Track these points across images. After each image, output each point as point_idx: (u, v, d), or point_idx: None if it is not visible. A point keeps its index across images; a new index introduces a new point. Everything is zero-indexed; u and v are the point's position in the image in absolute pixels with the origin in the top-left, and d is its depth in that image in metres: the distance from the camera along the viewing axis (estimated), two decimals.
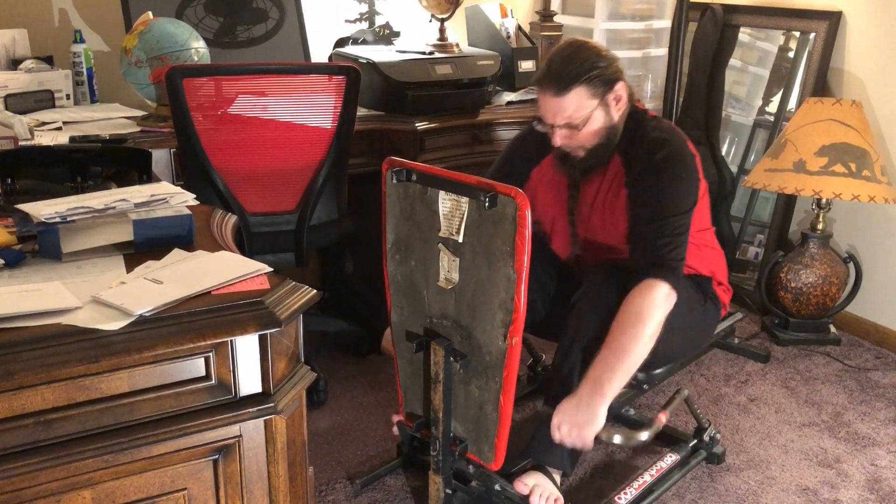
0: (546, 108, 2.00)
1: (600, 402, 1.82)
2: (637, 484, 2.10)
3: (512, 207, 1.66)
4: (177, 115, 2.20)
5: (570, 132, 1.99)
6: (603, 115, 1.99)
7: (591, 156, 2.04)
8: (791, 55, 3.33)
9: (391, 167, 1.89)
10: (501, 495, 1.97)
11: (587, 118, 1.97)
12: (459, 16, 3.07)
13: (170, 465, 1.17)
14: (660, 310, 1.88)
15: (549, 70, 1.98)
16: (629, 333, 1.86)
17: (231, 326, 1.14)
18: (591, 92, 1.96)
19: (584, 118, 1.97)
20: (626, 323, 1.87)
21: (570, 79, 1.94)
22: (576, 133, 1.99)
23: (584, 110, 1.96)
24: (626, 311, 1.88)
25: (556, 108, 1.97)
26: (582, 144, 2.01)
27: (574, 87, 1.94)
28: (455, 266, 1.82)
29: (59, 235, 1.32)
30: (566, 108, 1.96)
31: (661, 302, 1.88)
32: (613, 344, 1.86)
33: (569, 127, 1.98)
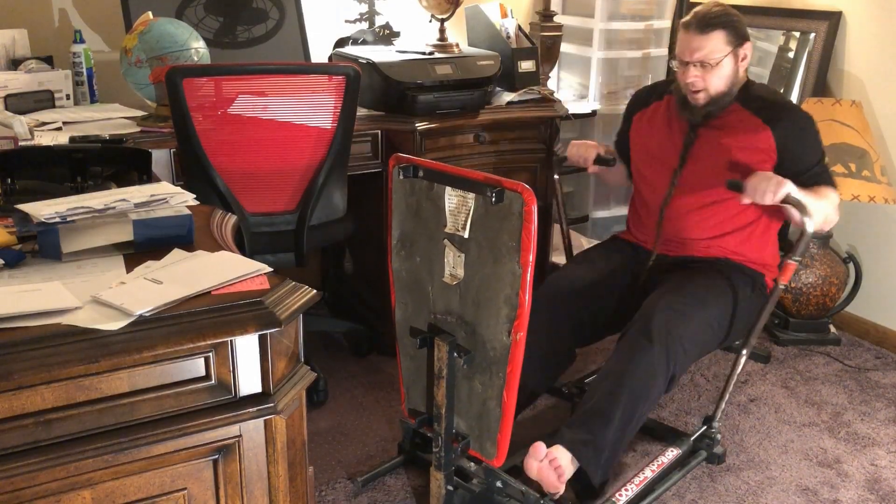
0: (686, 45, 2.23)
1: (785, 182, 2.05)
2: (637, 481, 2.10)
3: (518, 203, 1.67)
4: (177, 115, 2.20)
5: (703, 71, 2.21)
6: (732, 63, 2.23)
7: (711, 102, 2.25)
8: (791, 55, 3.33)
9: (398, 163, 1.89)
10: (503, 492, 1.97)
11: (720, 60, 2.21)
12: (459, 16, 3.07)
13: (170, 465, 1.17)
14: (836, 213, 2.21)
15: (697, 14, 2.24)
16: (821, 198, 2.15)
17: (231, 326, 1.14)
18: (728, 39, 2.21)
19: (718, 60, 2.20)
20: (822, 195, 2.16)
21: (715, 22, 2.20)
22: (707, 72, 2.21)
23: (719, 52, 2.20)
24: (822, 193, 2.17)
25: (696, 44, 2.20)
26: (707, 86, 2.23)
27: (716, 29, 2.20)
28: (460, 262, 1.82)
29: (59, 235, 1.31)
30: (705, 46, 2.20)
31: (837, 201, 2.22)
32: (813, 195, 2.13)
33: (702, 65, 2.21)
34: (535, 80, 3.03)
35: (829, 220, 2.21)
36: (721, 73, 2.22)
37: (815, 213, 2.09)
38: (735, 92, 2.27)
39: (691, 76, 2.22)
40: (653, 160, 2.40)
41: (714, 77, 2.22)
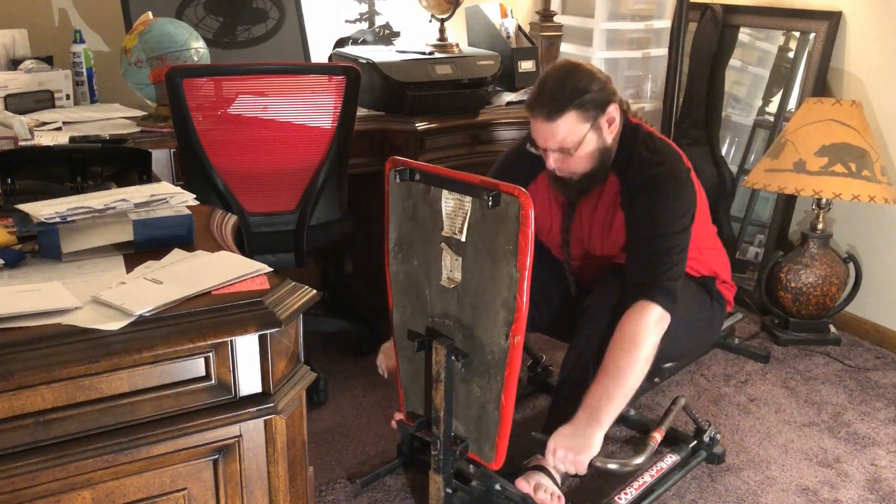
0: (538, 132, 1.99)
1: (596, 429, 1.84)
2: (637, 484, 2.10)
3: (515, 206, 1.67)
4: (177, 115, 2.20)
5: (563, 156, 1.99)
6: (595, 138, 1.98)
7: (585, 179, 2.04)
8: (791, 55, 3.33)
9: (394, 166, 1.89)
10: (502, 495, 1.97)
11: (579, 142, 1.96)
12: (459, 16, 3.07)
13: (170, 465, 1.17)
14: (653, 334, 1.90)
15: (541, 94, 1.97)
16: (624, 359, 1.87)
17: (231, 326, 1.14)
18: (583, 116, 1.95)
19: (576, 142, 1.96)
20: (621, 349, 1.89)
21: (562, 104, 1.93)
22: (568, 157, 1.99)
23: (576, 135, 1.95)
24: (620, 335, 1.90)
25: (547, 132, 1.96)
26: (574, 169, 2.01)
27: (565, 112, 1.93)
28: (457, 265, 1.82)
29: (59, 235, 1.31)
30: (558, 132, 1.95)
31: (653, 325, 1.89)
32: (609, 370, 1.88)
33: (561, 151, 1.98)
34: (534, 80, 3.02)
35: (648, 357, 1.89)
36: (584, 152, 1.98)
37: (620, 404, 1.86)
38: (610, 161, 2.03)
39: (552, 163, 2.01)
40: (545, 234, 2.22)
41: (577, 160, 1.99)
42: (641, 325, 1.89)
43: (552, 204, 2.17)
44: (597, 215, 2.10)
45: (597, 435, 1.83)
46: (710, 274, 2.21)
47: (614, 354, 1.89)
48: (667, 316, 1.91)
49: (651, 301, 1.90)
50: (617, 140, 2.04)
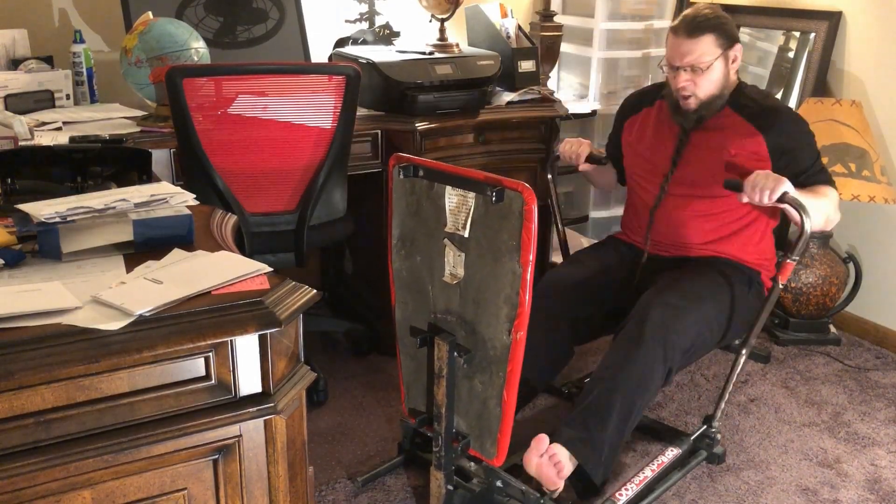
0: (676, 50, 2.22)
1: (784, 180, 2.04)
2: (637, 480, 2.10)
3: (519, 202, 1.67)
4: (177, 115, 2.20)
5: (693, 75, 2.21)
6: (722, 66, 2.22)
7: (702, 106, 2.25)
8: (791, 55, 3.33)
9: (398, 163, 1.89)
10: (503, 492, 1.97)
11: (710, 63, 2.20)
12: (459, 16, 3.07)
13: (170, 465, 1.17)
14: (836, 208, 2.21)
15: (685, 18, 2.23)
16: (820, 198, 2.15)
17: (231, 326, 1.14)
18: (718, 42, 2.20)
19: (708, 63, 2.19)
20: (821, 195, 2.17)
21: (704, 26, 2.19)
22: (697, 76, 2.20)
23: (709, 56, 2.19)
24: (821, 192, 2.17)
25: (686, 48, 2.20)
26: (699, 88, 2.22)
27: (706, 33, 2.19)
28: (460, 261, 1.82)
29: (59, 235, 1.32)
30: (695, 50, 2.19)
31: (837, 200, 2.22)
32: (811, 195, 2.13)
33: (692, 69, 2.20)
34: (535, 80, 3.03)
35: (831, 219, 2.21)
36: (711, 76, 2.21)
37: (813, 212, 2.07)
38: (727, 95, 2.27)
39: (682, 81, 2.22)
40: (645, 165, 2.40)
41: (704, 81, 2.21)
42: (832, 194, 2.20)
43: (662, 134, 2.37)
44: (710, 145, 2.27)
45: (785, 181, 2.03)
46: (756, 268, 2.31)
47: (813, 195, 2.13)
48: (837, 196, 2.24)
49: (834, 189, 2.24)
50: (735, 79, 2.30)
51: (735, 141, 2.23)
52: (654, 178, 2.36)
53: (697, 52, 2.19)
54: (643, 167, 2.41)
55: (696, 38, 2.18)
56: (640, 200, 2.43)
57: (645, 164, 2.40)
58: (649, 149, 2.39)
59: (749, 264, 2.30)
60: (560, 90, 3.68)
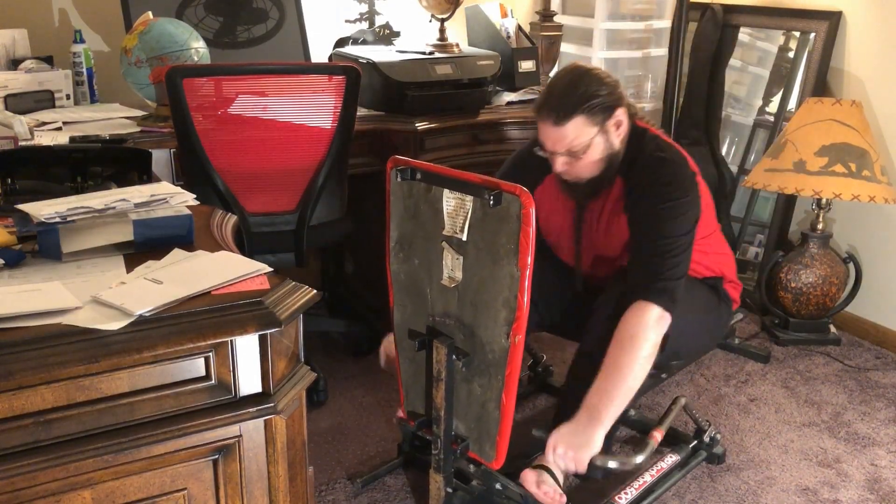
0: (546, 136, 2.00)
1: (597, 427, 1.84)
2: (637, 484, 2.10)
3: (516, 205, 1.67)
4: (177, 115, 2.20)
5: (571, 159, 2.00)
6: (603, 141, 2.00)
7: (592, 182, 2.05)
8: (791, 55, 3.33)
9: (396, 165, 1.89)
10: (502, 494, 1.96)
11: (587, 146, 1.98)
12: (459, 16, 3.07)
13: (170, 465, 1.17)
14: (653, 332, 1.90)
15: (549, 98, 1.99)
16: (623, 359, 1.88)
17: (231, 326, 1.14)
18: (591, 120, 1.96)
19: (584, 146, 1.97)
20: (621, 348, 1.89)
21: (570, 108, 1.95)
22: (576, 160, 2.00)
23: (583, 138, 1.97)
24: (620, 335, 1.90)
25: (556, 136, 1.98)
26: (581, 173, 2.03)
27: (574, 116, 1.95)
28: (458, 264, 1.82)
29: (59, 235, 1.32)
30: (566, 136, 1.97)
31: (653, 325, 1.89)
32: (609, 369, 1.89)
33: (569, 154, 1.99)
34: (535, 80, 3.03)
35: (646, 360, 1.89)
36: (592, 157, 1.99)
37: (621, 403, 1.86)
38: (617, 164, 2.04)
39: (560, 166, 2.02)
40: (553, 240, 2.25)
41: (585, 165, 2.00)
42: (641, 324, 1.89)
43: (562, 206, 2.17)
44: (603, 216, 2.11)
45: (598, 433, 1.84)
46: (717, 274, 2.22)
47: (614, 353, 1.89)
48: (666, 316, 1.91)
49: (649, 301, 1.90)
50: (624, 143, 2.04)
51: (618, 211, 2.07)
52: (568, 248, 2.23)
53: (569, 138, 1.97)
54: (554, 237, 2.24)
55: (563, 125, 1.95)
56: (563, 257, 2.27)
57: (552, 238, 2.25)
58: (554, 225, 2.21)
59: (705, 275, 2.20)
60: None
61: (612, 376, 1.88)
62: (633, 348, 1.88)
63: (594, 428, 1.84)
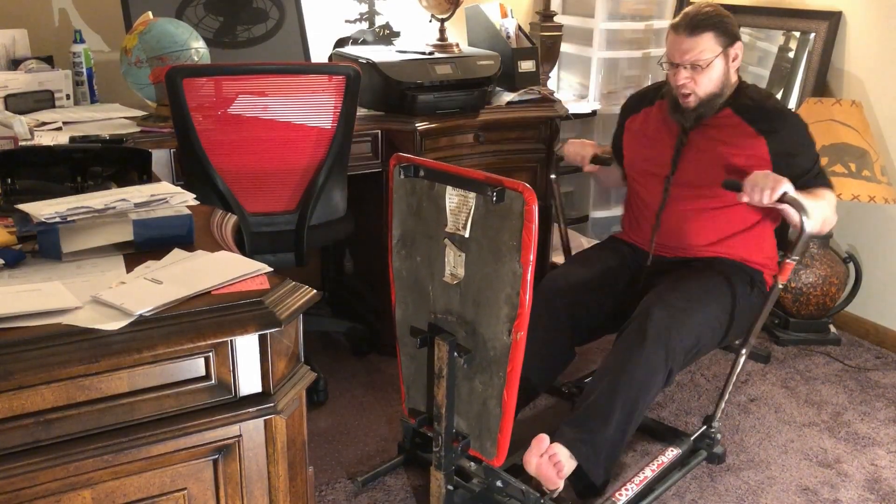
0: (676, 47, 2.21)
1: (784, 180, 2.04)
2: (637, 480, 2.10)
3: (519, 202, 1.67)
4: (177, 115, 2.20)
5: (693, 73, 2.20)
6: (723, 64, 2.22)
7: (702, 104, 2.24)
8: (791, 55, 3.33)
9: (399, 163, 1.90)
10: (503, 491, 1.97)
11: (711, 61, 2.19)
12: (459, 16, 3.07)
13: (170, 465, 1.17)
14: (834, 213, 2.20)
15: (686, 14, 2.22)
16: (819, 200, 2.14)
17: (231, 326, 1.14)
18: (718, 39, 2.19)
19: (708, 61, 2.19)
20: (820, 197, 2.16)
21: (705, 23, 2.18)
22: (698, 74, 2.20)
23: (709, 53, 2.18)
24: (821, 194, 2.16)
25: (687, 46, 2.19)
26: (699, 86, 2.21)
27: (706, 30, 2.18)
28: (461, 261, 1.82)
29: (59, 235, 1.31)
30: (695, 47, 2.18)
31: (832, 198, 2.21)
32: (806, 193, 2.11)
33: (693, 67, 2.19)
34: (535, 80, 3.03)
35: (828, 221, 2.20)
36: (712, 74, 2.20)
37: (812, 213, 2.07)
38: (727, 94, 2.26)
39: (682, 78, 2.21)
40: (645, 165, 2.40)
41: (704, 79, 2.20)
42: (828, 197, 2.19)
43: (662, 134, 2.35)
44: (704, 145, 2.26)
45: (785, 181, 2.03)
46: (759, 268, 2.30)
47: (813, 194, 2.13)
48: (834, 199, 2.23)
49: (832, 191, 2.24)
50: (736, 78, 2.28)
51: (735, 142, 2.23)
52: (656, 178, 2.35)
53: (698, 49, 2.18)
54: (643, 167, 2.41)
55: (696, 35, 2.17)
56: (641, 201, 2.42)
57: (645, 163, 2.40)
58: (650, 151, 2.39)
59: (752, 264, 2.30)
60: (560, 90, 3.68)
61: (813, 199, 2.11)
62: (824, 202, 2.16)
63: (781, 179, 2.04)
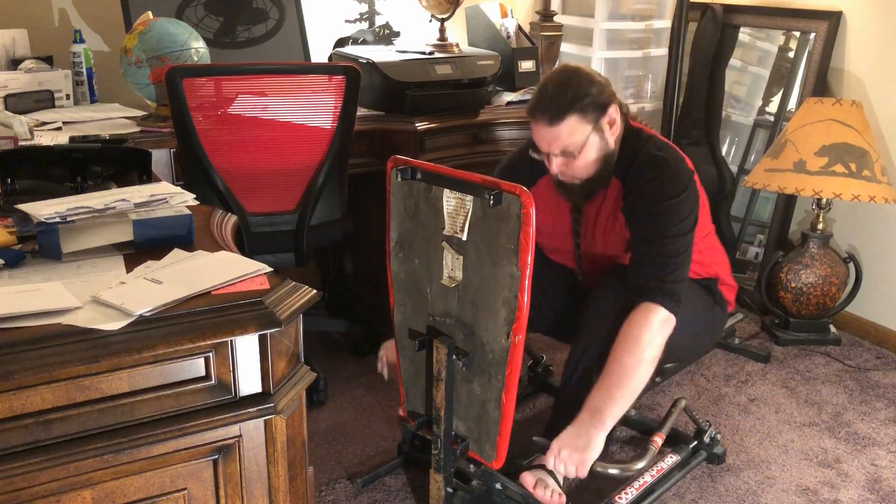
0: (541, 137, 1.99)
1: (599, 429, 1.85)
2: (637, 484, 2.10)
3: (517, 205, 1.67)
4: (177, 115, 2.20)
5: (567, 160, 1.99)
6: (598, 140, 1.98)
7: (589, 183, 2.04)
8: (791, 55, 3.33)
9: (396, 165, 1.89)
10: (502, 494, 1.97)
11: (582, 144, 1.96)
12: (459, 16, 3.07)
13: (170, 465, 1.17)
14: (658, 335, 1.90)
15: (542, 99, 1.98)
16: (628, 361, 1.89)
17: (231, 326, 1.14)
18: (585, 118, 1.95)
19: (580, 145, 1.96)
20: (625, 349, 1.89)
21: (563, 107, 1.94)
22: (572, 160, 1.98)
23: (578, 137, 1.95)
24: (625, 336, 1.90)
25: (550, 136, 1.97)
26: (578, 173, 2.01)
27: (567, 115, 1.94)
28: (459, 264, 1.82)
29: (59, 235, 1.31)
30: (560, 135, 1.96)
31: (658, 327, 1.90)
32: (612, 371, 1.89)
33: (564, 155, 1.98)
34: (535, 80, 3.03)
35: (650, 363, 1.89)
36: (588, 157, 1.98)
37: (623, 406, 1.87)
38: (613, 163, 2.03)
39: (556, 168, 2.00)
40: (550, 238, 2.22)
41: (581, 164, 1.98)
42: (646, 326, 1.89)
43: (558, 208, 2.16)
44: (601, 218, 2.10)
45: (599, 436, 1.85)
46: (711, 275, 2.21)
47: (618, 355, 1.89)
48: (671, 318, 1.92)
49: (656, 303, 1.90)
50: (619, 142, 2.04)
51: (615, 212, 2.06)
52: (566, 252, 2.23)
53: (564, 137, 1.95)
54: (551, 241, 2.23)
55: (557, 124, 1.94)
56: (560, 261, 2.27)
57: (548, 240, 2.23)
58: (550, 228, 2.19)
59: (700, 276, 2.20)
60: None
61: (615, 378, 1.88)
62: (637, 350, 1.88)
63: (596, 430, 1.85)
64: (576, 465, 1.84)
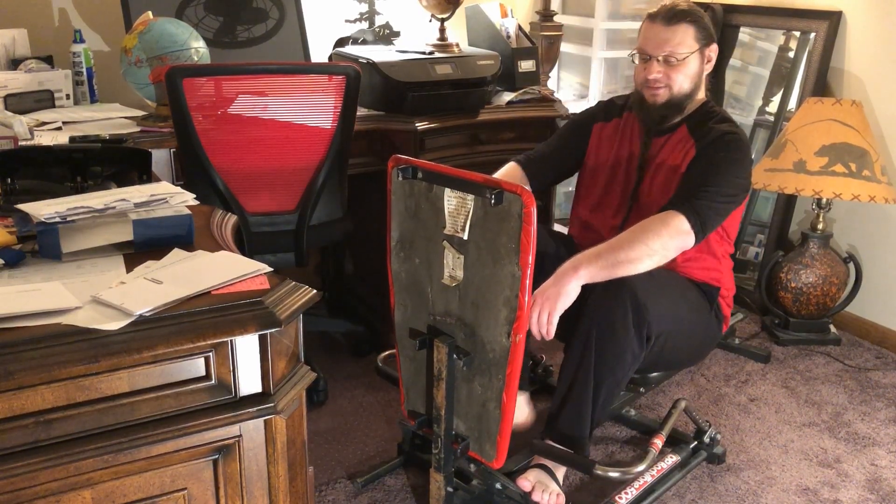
0: (651, 38, 2.10)
1: (572, 278, 1.86)
2: (637, 484, 2.10)
3: (518, 205, 1.67)
4: (177, 115, 2.20)
5: (666, 68, 2.09)
6: (697, 63, 2.11)
7: (670, 103, 2.12)
8: (791, 55, 3.33)
9: (397, 164, 1.90)
10: (503, 493, 1.97)
11: (686, 56, 2.08)
12: (459, 16, 3.07)
13: (170, 465, 1.17)
14: (670, 239, 1.90)
15: (664, 6, 2.12)
16: (629, 238, 1.90)
17: (231, 326, 1.14)
18: (697, 35, 2.09)
19: (684, 55, 2.08)
20: (633, 231, 1.92)
21: (682, 15, 2.09)
22: (671, 70, 2.09)
23: (686, 48, 2.08)
24: (640, 225, 1.93)
25: (664, 37, 2.08)
26: (672, 81, 2.10)
27: (685, 22, 2.08)
28: (459, 263, 1.82)
29: (59, 235, 1.31)
30: (672, 39, 2.07)
31: (675, 230, 1.91)
32: (612, 241, 1.91)
33: (667, 61, 2.09)
34: (535, 80, 3.03)
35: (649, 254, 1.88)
36: (686, 71, 2.10)
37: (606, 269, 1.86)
38: (693, 98, 2.14)
39: (654, 72, 2.09)
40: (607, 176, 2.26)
41: (678, 75, 2.09)
42: (663, 223, 1.91)
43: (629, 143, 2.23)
44: (663, 154, 2.16)
45: (572, 283, 1.85)
46: (714, 282, 2.18)
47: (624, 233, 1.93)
48: (691, 235, 1.92)
49: (680, 213, 1.92)
50: (706, 83, 2.18)
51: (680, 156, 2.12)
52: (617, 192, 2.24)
53: (675, 41, 2.07)
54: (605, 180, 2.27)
55: (674, 25, 2.07)
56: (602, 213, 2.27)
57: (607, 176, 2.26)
58: (613, 162, 2.25)
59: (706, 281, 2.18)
60: (560, 90, 3.69)
61: (609, 245, 1.90)
62: (645, 235, 1.89)
63: (569, 278, 1.85)
64: (548, 311, 1.84)
